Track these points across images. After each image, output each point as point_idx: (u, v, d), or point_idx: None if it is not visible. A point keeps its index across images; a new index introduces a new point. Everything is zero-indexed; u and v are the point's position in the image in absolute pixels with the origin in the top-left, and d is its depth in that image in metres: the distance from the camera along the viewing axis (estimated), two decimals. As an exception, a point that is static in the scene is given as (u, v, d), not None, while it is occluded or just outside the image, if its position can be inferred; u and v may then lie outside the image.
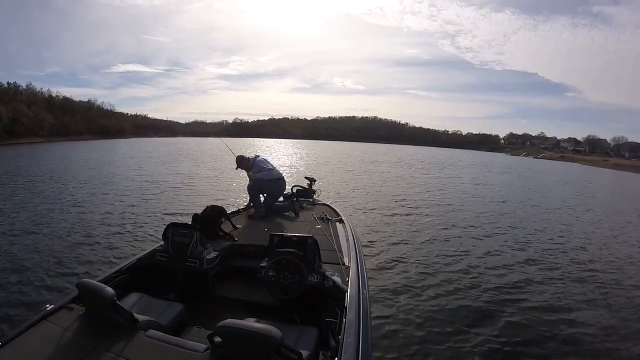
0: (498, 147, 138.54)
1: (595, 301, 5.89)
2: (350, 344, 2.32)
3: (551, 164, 69.93)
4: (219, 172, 22.30)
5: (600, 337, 4.74)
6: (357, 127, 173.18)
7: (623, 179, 42.52)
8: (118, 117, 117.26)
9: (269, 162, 6.36)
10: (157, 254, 3.51)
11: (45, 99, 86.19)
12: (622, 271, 7.43)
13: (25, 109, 68.47)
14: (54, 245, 7.25)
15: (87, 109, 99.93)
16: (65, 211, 10.39)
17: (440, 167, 37.17)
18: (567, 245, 9.12)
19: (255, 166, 6.11)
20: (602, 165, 68.10)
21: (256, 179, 6.01)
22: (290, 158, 36.46)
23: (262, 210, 5.90)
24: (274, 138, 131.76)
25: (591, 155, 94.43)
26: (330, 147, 76.52)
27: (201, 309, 3.30)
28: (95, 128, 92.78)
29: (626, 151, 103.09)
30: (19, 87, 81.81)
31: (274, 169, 6.26)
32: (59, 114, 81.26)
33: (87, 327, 2.33)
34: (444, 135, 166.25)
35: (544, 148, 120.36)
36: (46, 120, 73.83)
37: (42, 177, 17.63)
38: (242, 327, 1.98)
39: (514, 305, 5.49)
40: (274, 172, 6.20)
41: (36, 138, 65.19)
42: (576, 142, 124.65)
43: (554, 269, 7.24)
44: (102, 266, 6.18)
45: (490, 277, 6.57)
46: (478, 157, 72.29)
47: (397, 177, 23.96)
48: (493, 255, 7.92)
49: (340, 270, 3.44)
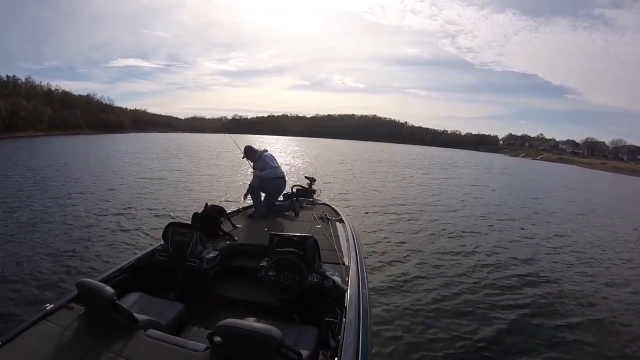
0: (497, 148, 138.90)
1: (595, 301, 5.95)
2: (350, 344, 2.33)
3: (549, 165, 70.30)
4: (220, 169, 22.25)
5: (601, 337, 4.79)
6: (356, 126, 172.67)
7: (620, 182, 42.58)
8: (117, 111, 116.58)
9: (275, 159, 6.31)
10: (157, 253, 3.51)
11: (44, 92, 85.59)
12: (621, 274, 7.46)
13: (24, 102, 68.05)
14: (53, 245, 7.20)
15: (86, 103, 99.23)
16: (64, 209, 10.32)
17: (440, 167, 37.27)
18: (564, 248, 9.15)
19: (261, 160, 6.07)
20: (600, 168, 68.41)
21: (260, 176, 5.95)
22: (290, 156, 36.24)
23: (262, 209, 5.88)
24: (273, 135, 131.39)
25: (589, 158, 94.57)
26: (329, 145, 76.28)
27: (201, 309, 3.30)
28: (95, 122, 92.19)
29: (624, 154, 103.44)
30: (18, 81, 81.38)
31: (279, 167, 6.21)
32: (58, 108, 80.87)
33: (87, 326, 2.32)
34: (443, 135, 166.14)
35: (542, 150, 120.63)
36: (45, 113, 73.43)
37: (42, 171, 17.55)
38: (242, 327, 1.98)
39: (514, 305, 5.53)
40: (278, 170, 6.15)
41: (35, 132, 64.74)
42: (575, 144, 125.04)
43: (554, 270, 7.28)
44: (101, 265, 6.15)
45: (491, 278, 6.59)
46: (476, 157, 72.30)
47: (397, 177, 23.96)
48: (493, 255, 7.94)
49: (340, 270, 3.45)
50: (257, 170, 6.04)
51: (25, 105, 67.63)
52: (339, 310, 2.86)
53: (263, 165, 6.03)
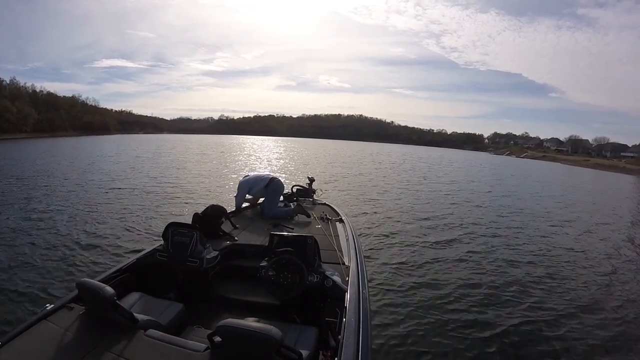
0: (482, 147, 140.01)
1: (595, 301, 6.00)
2: (350, 344, 2.34)
3: (532, 163, 71.24)
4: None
5: (600, 338, 4.83)
6: (343, 125, 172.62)
7: (601, 179, 43.12)
8: (102, 112, 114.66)
9: (251, 178, 6.18)
10: (157, 253, 3.49)
11: (29, 94, 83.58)
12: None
13: (9, 104, 66.50)
14: (53, 244, 7.16)
15: (71, 104, 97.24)
16: (63, 209, 10.23)
17: (429, 167, 37.39)
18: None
19: (241, 189, 6.07)
20: (583, 165, 69.51)
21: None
22: (279, 161, 35.47)
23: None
24: (260, 135, 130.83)
25: (573, 155, 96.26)
26: (317, 145, 76.05)
27: (201, 309, 3.29)
28: (80, 124, 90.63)
29: (608, 151, 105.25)
30: (3, 82, 79.44)
31: (260, 181, 6.06)
32: (43, 110, 79.11)
33: (87, 326, 2.32)
34: (429, 134, 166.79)
35: (527, 148, 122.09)
36: (30, 115, 71.76)
37: (35, 175, 17.19)
38: (242, 327, 1.99)
39: (514, 305, 5.57)
40: (260, 183, 6.02)
41: (20, 134, 63.27)
42: (559, 142, 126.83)
43: (554, 271, 7.29)
44: (102, 265, 6.11)
45: (491, 278, 6.65)
46: (462, 156, 72.97)
47: (396, 179, 23.89)
48: (494, 255, 7.99)
49: (340, 270, 3.46)
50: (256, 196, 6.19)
51: (9, 107, 66.05)
52: (339, 310, 2.88)
53: (240, 196, 6.08)
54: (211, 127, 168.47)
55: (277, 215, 5.65)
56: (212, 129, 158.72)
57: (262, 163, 31.10)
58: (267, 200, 5.87)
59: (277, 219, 5.45)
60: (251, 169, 23.42)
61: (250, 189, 6.03)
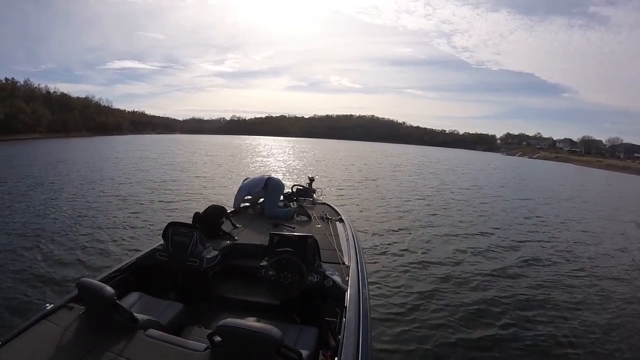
0: (494, 147, 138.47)
1: (595, 301, 5.97)
2: (350, 344, 2.33)
3: (545, 164, 70.42)
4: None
5: (600, 338, 4.79)
6: (354, 126, 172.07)
7: (613, 180, 42.26)
8: (115, 113, 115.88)
9: (250, 181, 6.21)
10: (157, 253, 3.50)
11: (42, 95, 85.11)
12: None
13: (23, 105, 67.66)
14: (53, 244, 7.22)
15: (84, 105, 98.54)
16: (64, 209, 10.35)
17: (440, 168, 37.13)
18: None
19: (240, 192, 6.12)
20: (596, 166, 68.57)
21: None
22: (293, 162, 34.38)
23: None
24: (272, 136, 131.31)
25: (586, 156, 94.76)
26: (330, 146, 75.64)
27: (201, 309, 3.30)
28: (93, 125, 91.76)
29: (621, 152, 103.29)
30: (17, 83, 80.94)
31: (257, 183, 6.05)
32: (57, 110, 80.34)
33: (87, 326, 2.33)
34: (441, 134, 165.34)
35: (539, 148, 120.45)
36: (44, 116, 72.86)
37: (42, 174, 17.50)
38: (242, 327, 1.99)
39: (516, 305, 5.53)
40: (258, 184, 6.03)
41: (34, 134, 64.25)
42: (572, 142, 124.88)
43: (554, 271, 7.25)
44: (102, 265, 6.14)
45: (491, 278, 6.61)
46: (474, 157, 72.32)
47: (398, 179, 23.91)
48: (493, 255, 7.95)
49: (340, 270, 3.45)
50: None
51: (24, 107, 67.20)
52: (339, 310, 2.87)
53: (238, 199, 6.12)
54: (223, 127, 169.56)
55: (278, 215, 5.67)
56: (224, 130, 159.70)
57: (285, 164, 30.57)
58: (268, 199, 5.90)
59: (278, 219, 5.47)
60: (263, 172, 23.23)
61: (249, 192, 6.07)
